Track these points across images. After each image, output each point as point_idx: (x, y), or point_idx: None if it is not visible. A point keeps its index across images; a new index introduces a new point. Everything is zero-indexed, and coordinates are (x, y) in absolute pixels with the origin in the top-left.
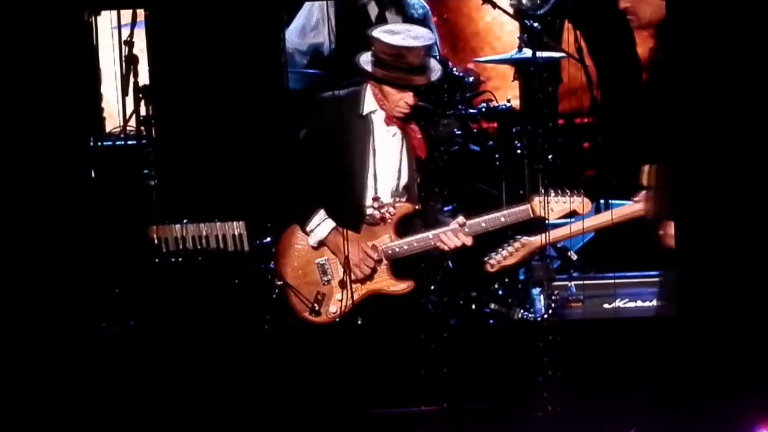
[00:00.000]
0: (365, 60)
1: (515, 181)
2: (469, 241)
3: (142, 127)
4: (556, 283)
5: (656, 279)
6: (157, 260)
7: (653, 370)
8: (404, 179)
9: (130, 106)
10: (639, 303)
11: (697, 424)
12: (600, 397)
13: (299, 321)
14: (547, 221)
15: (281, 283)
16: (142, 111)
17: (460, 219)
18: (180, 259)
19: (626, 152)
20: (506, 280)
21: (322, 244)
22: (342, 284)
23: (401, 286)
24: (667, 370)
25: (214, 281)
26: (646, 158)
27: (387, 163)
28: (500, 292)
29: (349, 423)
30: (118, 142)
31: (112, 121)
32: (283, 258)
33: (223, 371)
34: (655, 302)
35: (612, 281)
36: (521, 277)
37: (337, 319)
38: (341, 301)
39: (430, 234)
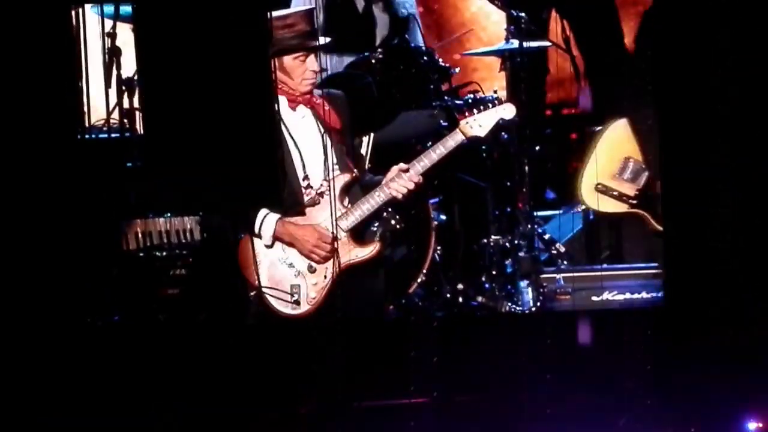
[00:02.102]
0: None
1: (502, 172)
2: (416, 180)
3: (126, 120)
4: (543, 276)
5: (645, 271)
6: (141, 254)
7: (642, 360)
8: (330, 154)
9: (113, 99)
10: (627, 295)
11: (686, 415)
12: (589, 388)
13: (282, 321)
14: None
15: (254, 292)
16: (126, 104)
17: (401, 165)
18: (164, 253)
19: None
20: (493, 272)
21: (275, 239)
22: (311, 269)
23: (368, 250)
24: (656, 361)
25: (198, 275)
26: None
27: (308, 143)
28: (487, 285)
29: (337, 415)
30: (101, 135)
31: (97, 114)
32: (246, 269)
33: (208, 364)
34: (644, 294)
35: (600, 273)
36: (509, 270)
37: (320, 305)
38: (316, 285)
39: (377, 191)
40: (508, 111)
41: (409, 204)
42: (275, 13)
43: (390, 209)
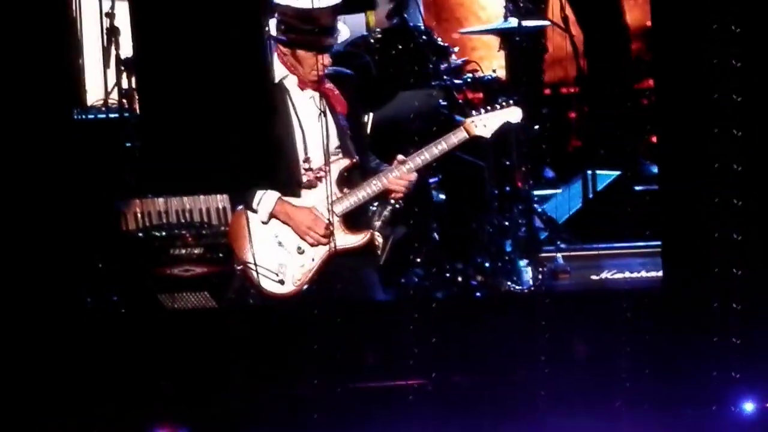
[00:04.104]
0: (272, 26)
1: (501, 152)
2: (413, 176)
3: (124, 100)
4: (542, 255)
5: (644, 249)
6: (140, 234)
7: (638, 341)
8: (333, 138)
9: (112, 79)
10: (627, 274)
11: (681, 398)
12: (584, 369)
13: (266, 299)
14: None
15: (240, 267)
16: (124, 84)
17: (400, 157)
18: (163, 233)
19: (613, 122)
20: (493, 252)
21: (271, 216)
22: (300, 251)
23: (358, 238)
24: (652, 341)
25: (197, 254)
26: (632, 128)
27: (312, 125)
28: (487, 264)
29: (335, 396)
30: (99, 115)
31: (95, 94)
32: (237, 242)
33: (206, 344)
34: (643, 273)
35: (599, 252)
36: (508, 249)
37: (305, 287)
38: (303, 267)
39: (374, 180)
40: (515, 115)
41: (404, 199)
42: (299, 5)
43: None
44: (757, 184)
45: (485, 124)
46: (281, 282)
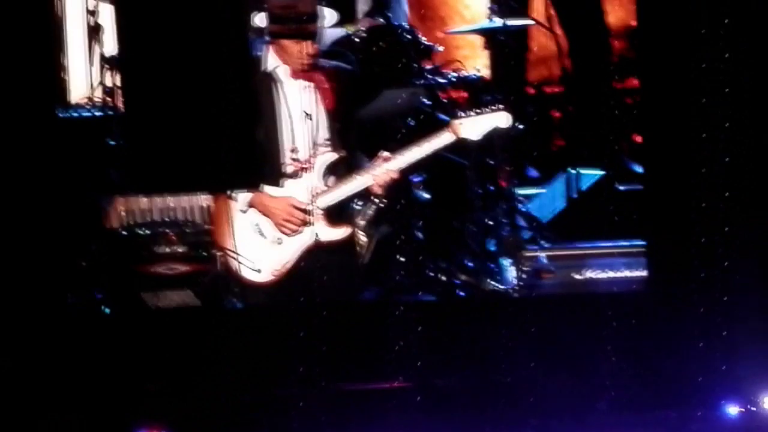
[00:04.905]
0: (260, 19)
1: (484, 151)
2: (396, 174)
3: (108, 98)
4: (526, 254)
5: (628, 249)
6: (123, 232)
7: (622, 342)
8: (323, 130)
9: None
10: (610, 273)
11: (667, 397)
12: (569, 369)
13: (243, 286)
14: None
15: (221, 253)
16: (108, 81)
17: (385, 154)
18: (146, 231)
19: (597, 121)
20: (476, 251)
21: (250, 205)
22: (279, 242)
23: (339, 232)
24: (636, 343)
25: (181, 252)
26: (616, 127)
27: (302, 116)
28: (470, 264)
29: (319, 398)
30: (84, 113)
31: (79, 92)
32: (217, 227)
33: (187, 346)
34: (626, 272)
35: (583, 251)
36: (492, 248)
37: (282, 277)
38: (281, 257)
39: (357, 175)
40: (503, 120)
41: (386, 195)
42: None
43: None
44: (742, 184)
45: (473, 126)
46: (258, 270)
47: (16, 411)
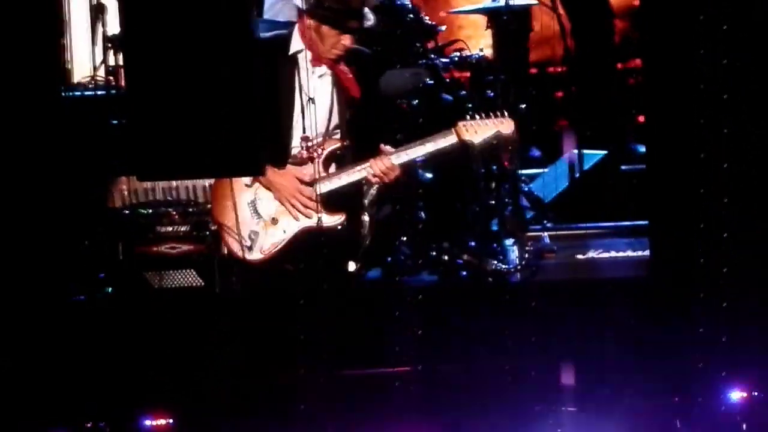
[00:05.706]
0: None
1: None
2: (396, 170)
3: (111, 77)
4: (529, 234)
5: (631, 229)
6: (126, 211)
7: (626, 329)
8: (335, 119)
9: (99, 56)
10: (613, 253)
11: (669, 385)
12: (572, 358)
13: (234, 261)
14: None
15: (215, 227)
16: (111, 61)
17: (387, 148)
18: (149, 210)
19: (600, 102)
20: (479, 231)
21: (255, 180)
22: (274, 221)
23: (334, 219)
24: (640, 330)
25: (183, 231)
26: (619, 108)
27: (317, 103)
28: (473, 244)
29: (321, 384)
30: (87, 92)
31: (82, 71)
32: (216, 201)
33: (191, 332)
34: (629, 252)
35: (586, 231)
36: (494, 228)
37: (273, 256)
38: (273, 237)
39: (357, 167)
40: (507, 126)
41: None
42: None
43: None
44: (744, 163)
45: (476, 130)
46: (249, 248)
47: (18, 403)
